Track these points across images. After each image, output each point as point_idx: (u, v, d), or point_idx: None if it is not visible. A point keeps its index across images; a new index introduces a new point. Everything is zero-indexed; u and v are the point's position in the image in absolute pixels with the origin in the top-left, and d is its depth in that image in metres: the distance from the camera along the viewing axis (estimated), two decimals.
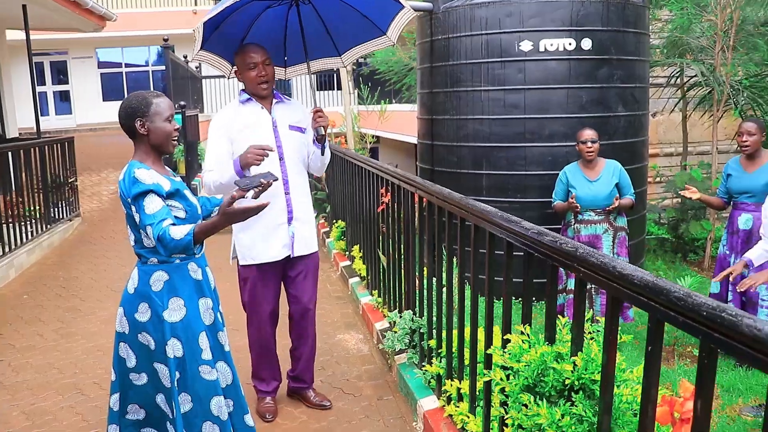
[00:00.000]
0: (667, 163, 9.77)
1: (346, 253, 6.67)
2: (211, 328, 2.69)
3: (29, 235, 7.36)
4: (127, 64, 22.68)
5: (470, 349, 2.97)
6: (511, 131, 5.76)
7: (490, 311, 2.81)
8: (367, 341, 4.72)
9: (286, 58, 3.80)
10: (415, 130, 7.19)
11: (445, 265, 3.44)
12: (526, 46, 5.62)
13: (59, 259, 7.48)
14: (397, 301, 4.44)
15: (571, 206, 4.73)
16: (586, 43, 5.61)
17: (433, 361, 3.57)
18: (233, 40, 3.54)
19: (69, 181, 8.96)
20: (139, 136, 2.56)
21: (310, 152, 3.54)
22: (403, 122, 11.93)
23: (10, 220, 6.88)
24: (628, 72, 5.87)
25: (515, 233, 2.46)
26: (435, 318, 3.59)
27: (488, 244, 2.76)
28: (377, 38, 3.75)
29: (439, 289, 3.52)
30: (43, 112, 20.67)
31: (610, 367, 1.95)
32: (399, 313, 4.25)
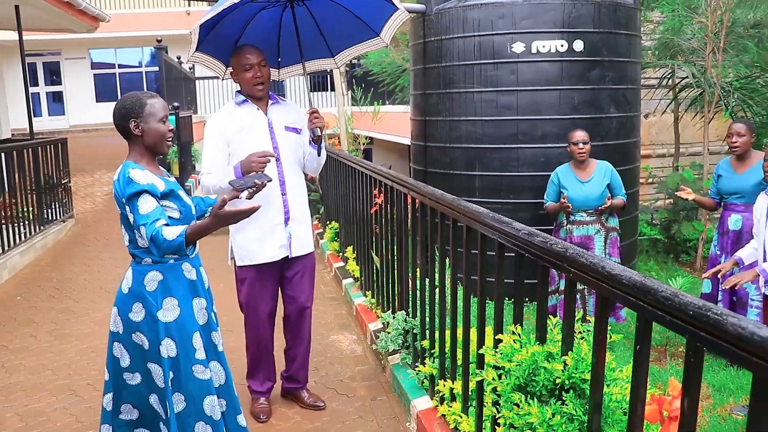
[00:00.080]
0: (659, 164, 9.82)
1: (340, 254, 6.68)
2: (205, 328, 2.70)
3: (22, 236, 7.34)
4: (120, 65, 22.61)
5: (463, 350, 2.99)
6: (504, 132, 5.79)
7: (482, 312, 2.84)
8: (360, 342, 4.74)
9: (279, 60, 3.82)
10: (409, 132, 7.20)
11: (437, 265, 3.46)
12: (519, 47, 5.65)
13: (53, 261, 7.46)
14: (390, 301, 4.46)
15: (563, 207, 4.77)
16: (578, 45, 5.65)
17: (426, 361, 3.59)
18: (228, 41, 3.55)
19: (62, 182, 8.93)
20: (133, 137, 2.57)
21: (306, 153, 3.56)
22: (397, 123, 11.94)
23: (3, 222, 6.86)
24: (619, 73, 5.91)
25: (506, 234, 2.48)
26: (428, 319, 3.60)
27: (480, 245, 2.78)
28: (371, 39, 3.75)
29: (432, 290, 3.54)
30: (36, 113, 20.60)
31: (600, 367, 1.97)
32: (392, 314, 4.27)
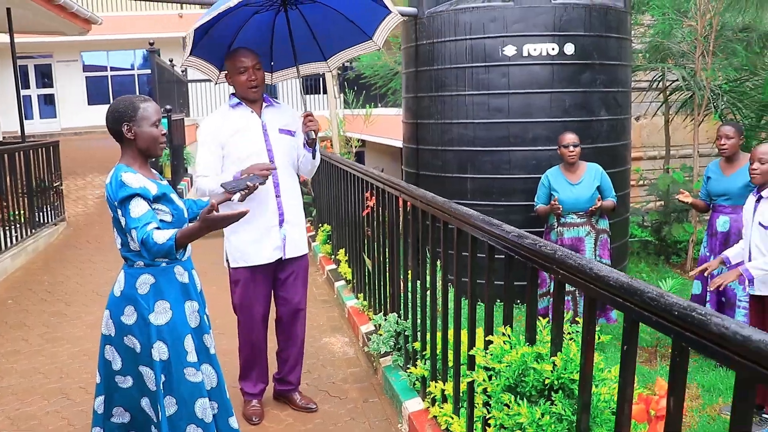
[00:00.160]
0: (650, 166, 9.88)
1: (332, 256, 6.69)
2: (197, 331, 2.71)
3: (14, 239, 7.32)
4: (112, 68, 22.53)
5: (454, 351, 3.01)
6: (496, 135, 5.82)
7: (472, 313, 2.86)
8: (352, 344, 4.75)
9: (273, 63, 3.83)
10: (401, 134, 7.22)
11: (428, 268, 3.48)
12: (510, 50, 5.68)
13: (44, 264, 7.44)
14: (382, 304, 4.47)
15: (554, 208, 4.79)
16: (569, 48, 5.68)
17: (417, 363, 3.60)
18: (221, 45, 3.56)
19: (54, 185, 8.90)
20: (126, 141, 2.58)
21: (300, 156, 3.57)
22: (389, 126, 11.96)
23: None
24: (610, 76, 5.95)
25: (496, 236, 2.50)
26: (419, 321, 3.62)
27: (471, 247, 2.80)
28: (363, 43, 3.76)
29: (423, 292, 3.56)
30: (28, 116, 20.50)
31: (588, 367, 1.99)
32: (384, 316, 4.28)
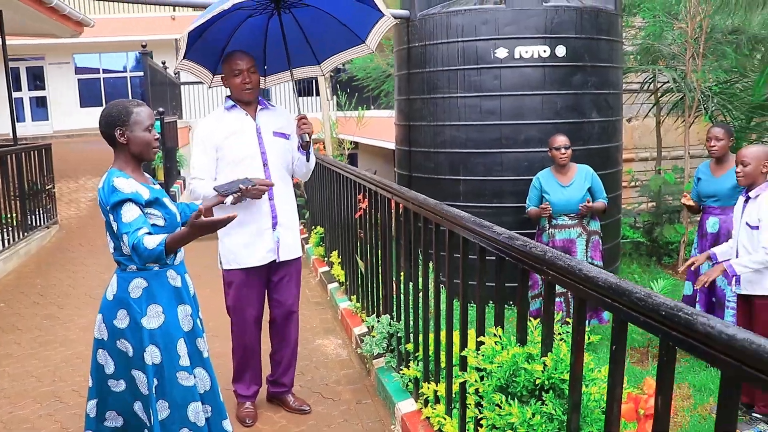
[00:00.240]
0: (642, 167, 9.92)
1: (325, 258, 6.70)
2: (190, 335, 2.72)
3: (6, 242, 7.29)
4: (104, 70, 22.45)
5: (446, 352, 3.03)
6: (488, 137, 5.84)
7: (464, 315, 2.88)
8: (345, 346, 4.76)
9: (266, 67, 3.83)
10: (393, 136, 7.24)
11: (421, 269, 3.50)
12: (502, 53, 5.71)
13: (37, 267, 7.42)
14: (375, 305, 4.49)
15: (543, 210, 4.83)
16: (561, 50, 5.71)
17: (410, 364, 3.62)
18: (215, 48, 3.57)
19: (46, 188, 8.88)
20: (119, 145, 2.59)
21: (295, 159, 3.58)
22: (382, 128, 11.98)
23: None
24: (601, 78, 5.98)
25: (487, 238, 2.52)
26: (412, 322, 3.64)
27: (462, 249, 2.82)
28: (356, 46, 3.76)
29: (416, 294, 3.57)
30: (19, 119, 20.33)
31: (578, 367, 2.01)
32: (377, 318, 4.30)
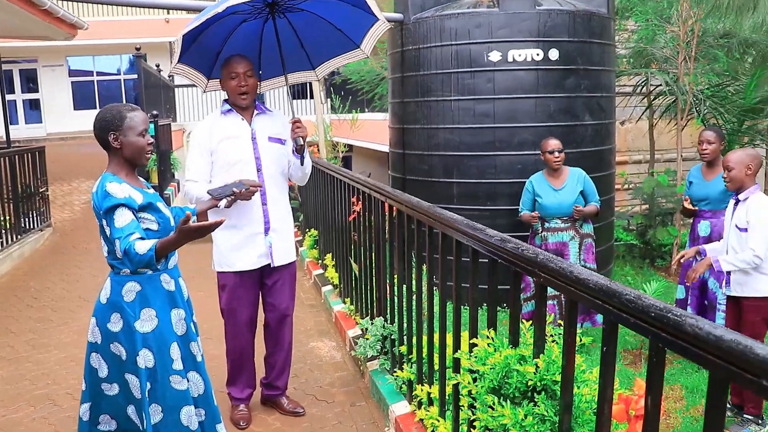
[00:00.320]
0: (635, 170, 9.97)
1: (319, 261, 6.71)
2: (183, 339, 2.72)
3: None
4: (98, 73, 22.38)
5: (439, 354, 3.05)
6: (481, 140, 5.87)
7: (457, 317, 2.89)
8: (339, 348, 4.77)
9: (261, 72, 3.83)
10: (387, 139, 7.25)
11: (414, 272, 3.51)
12: (495, 56, 5.73)
13: (30, 270, 7.40)
14: (368, 308, 4.50)
15: (533, 219, 4.88)
16: (554, 54, 5.75)
17: (404, 366, 3.63)
18: (210, 53, 3.58)
19: (40, 190, 8.87)
20: (112, 149, 2.59)
21: (291, 163, 3.58)
22: (376, 131, 11.99)
23: None
24: (594, 81, 6.02)
25: (480, 240, 2.54)
26: (406, 324, 3.65)
27: (455, 252, 2.84)
28: (351, 51, 3.77)
29: (409, 296, 3.59)
30: (13, 121, 20.32)
31: (570, 369, 2.03)
32: (371, 320, 4.31)
